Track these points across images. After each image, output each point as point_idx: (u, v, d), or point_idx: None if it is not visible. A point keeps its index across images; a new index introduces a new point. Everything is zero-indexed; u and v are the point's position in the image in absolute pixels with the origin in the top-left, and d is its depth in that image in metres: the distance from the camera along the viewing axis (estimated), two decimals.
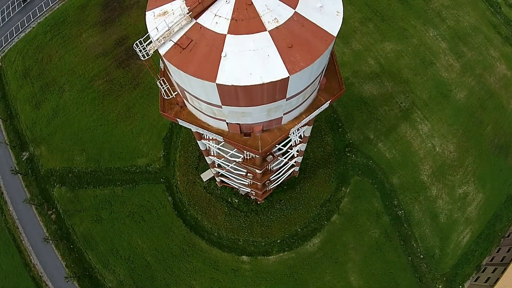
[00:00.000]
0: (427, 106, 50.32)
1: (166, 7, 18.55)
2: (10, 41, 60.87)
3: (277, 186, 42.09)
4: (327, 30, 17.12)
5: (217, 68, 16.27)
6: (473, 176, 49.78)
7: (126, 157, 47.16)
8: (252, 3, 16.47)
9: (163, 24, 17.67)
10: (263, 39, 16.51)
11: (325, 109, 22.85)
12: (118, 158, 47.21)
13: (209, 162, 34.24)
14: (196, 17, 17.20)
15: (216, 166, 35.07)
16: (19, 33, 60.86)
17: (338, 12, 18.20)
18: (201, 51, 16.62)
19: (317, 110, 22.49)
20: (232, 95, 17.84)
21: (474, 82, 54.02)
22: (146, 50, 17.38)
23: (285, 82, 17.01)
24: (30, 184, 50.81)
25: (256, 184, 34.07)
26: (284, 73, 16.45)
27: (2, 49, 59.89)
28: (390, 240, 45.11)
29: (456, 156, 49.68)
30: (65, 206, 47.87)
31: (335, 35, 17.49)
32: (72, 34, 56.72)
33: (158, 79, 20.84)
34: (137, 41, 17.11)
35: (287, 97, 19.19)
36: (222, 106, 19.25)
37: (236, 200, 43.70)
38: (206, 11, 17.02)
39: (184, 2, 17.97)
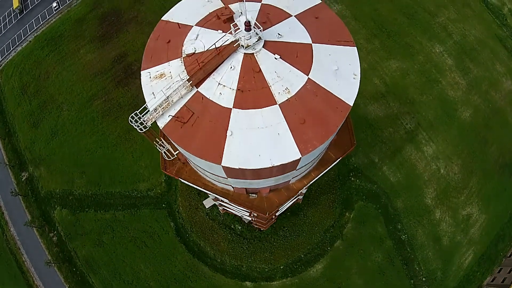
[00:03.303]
0: (432, 126, 49.55)
1: (163, 68, 17.41)
2: (7, 55, 59.50)
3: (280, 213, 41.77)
4: (343, 99, 15.94)
5: (223, 148, 15.12)
6: (477, 197, 49.42)
7: (127, 181, 46.56)
8: (260, 70, 15.21)
9: (160, 91, 16.52)
10: (273, 114, 15.28)
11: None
12: (118, 182, 46.61)
13: (211, 198, 33.80)
14: (198, 85, 16.02)
15: (220, 203, 34.62)
16: (16, 47, 59.45)
17: (355, 75, 16.97)
18: (204, 127, 15.48)
19: (327, 168, 21.78)
20: (239, 173, 16.98)
21: (479, 100, 53.11)
22: (142, 121, 16.15)
23: (296, 161, 16.13)
24: (31, 205, 50.36)
25: (261, 220, 33.74)
26: (296, 154, 15.40)
27: None
28: (393, 264, 45.06)
29: (461, 177, 49.20)
30: (66, 229, 47.54)
31: (352, 104, 16.40)
32: (69, 49, 55.31)
33: (156, 142, 19.65)
34: (133, 114, 15.80)
35: (297, 169, 18.46)
36: (228, 178, 18.51)
37: (239, 227, 43.42)
38: (208, 78, 15.91)
39: (183, 64, 16.76)
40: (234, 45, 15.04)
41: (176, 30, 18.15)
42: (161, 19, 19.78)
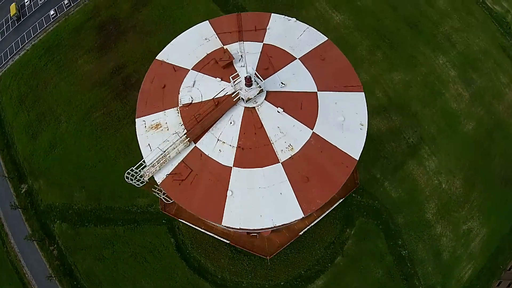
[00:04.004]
0: (435, 140, 49.08)
1: (159, 117, 16.92)
2: (4, 63, 58.74)
3: None
4: (348, 154, 15.45)
5: (223, 208, 14.65)
6: (478, 211, 49.19)
7: (126, 196, 46.23)
8: (262, 125, 14.66)
9: (157, 143, 16.00)
10: (276, 173, 14.80)
11: None
12: (118, 197, 46.30)
13: None
14: (196, 140, 15.56)
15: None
16: (13, 55, 58.65)
17: (362, 125, 16.43)
18: (204, 185, 15.03)
19: (330, 209, 21.43)
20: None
21: (482, 112, 52.55)
22: (138, 177, 15.81)
23: (299, 220, 15.77)
24: (30, 218, 50.12)
25: None
26: (298, 214, 15.01)
27: None
28: (393, 279, 45.01)
29: (462, 191, 48.90)
30: (66, 243, 47.38)
31: (358, 158, 15.91)
32: (67, 59, 54.51)
33: (154, 189, 18.99)
34: (129, 170, 15.43)
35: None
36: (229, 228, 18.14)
37: None
38: (207, 133, 15.38)
39: (179, 114, 16.25)
40: (234, 99, 14.52)
41: (172, 74, 17.61)
42: (156, 58, 19.15)
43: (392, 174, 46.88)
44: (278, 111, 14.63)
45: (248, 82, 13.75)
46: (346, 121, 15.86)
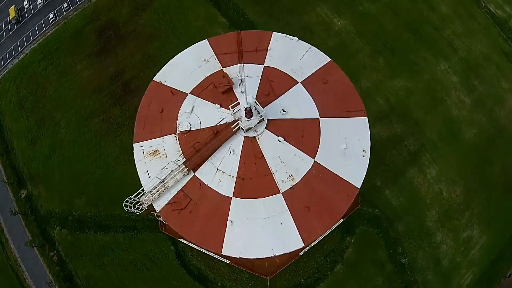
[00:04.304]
0: (436, 148, 48.86)
1: (157, 144, 16.77)
2: (4, 67, 58.45)
3: None
4: (350, 182, 15.36)
5: (223, 237, 14.57)
6: (478, 218, 49.07)
7: None
8: (262, 155, 14.54)
9: (156, 170, 15.86)
10: (276, 203, 14.72)
11: None
12: (118, 204, 45.23)
13: None
14: (195, 169, 15.46)
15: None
16: (12, 59, 58.39)
17: (364, 152, 16.34)
18: (203, 214, 14.95)
19: (330, 229, 21.33)
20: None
21: (484, 119, 52.25)
22: (137, 203, 15.73)
23: (299, 249, 15.65)
24: (30, 224, 50.12)
25: None
26: (298, 244, 14.90)
27: None
28: (392, 287, 45.07)
29: (463, 199, 48.76)
30: (66, 250, 47.40)
31: (360, 186, 15.83)
32: (66, 64, 54.19)
33: (153, 213, 18.79)
34: (127, 198, 15.33)
35: None
36: None
37: None
38: (206, 162, 15.28)
39: (178, 141, 16.13)
40: (234, 129, 14.31)
41: (170, 97, 17.37)
42: (153, 79, 18.86)
43: (393, 182, 46.72)
44: (279, 140, 14.40)
45: (248, 114, 13.52)
46: (348, 149, 15.66)
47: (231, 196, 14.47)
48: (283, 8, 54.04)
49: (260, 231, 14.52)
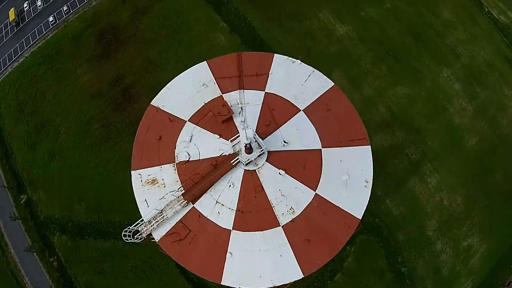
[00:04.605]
0: (437, 156, 48.57)
1: (155, 172, 16.57)
2: (3, 70, 58.14)
3: None
4: (351, 213, 15.31)
5: (222, 268, 14.54)
6: (478, 227, 48.93)
7: (126, 210, 45.89)
8: (263, 189, 14.45)
9: (154, 199, 15.76)
10: (276, 236, 14.64)
11: None
12: (117, 211, 46.10)
13: None
14: (194, 200, 15.37)
15: None
16: (12, 62, 58.07)
17: (366, 182, 16.25)
18: (203, 245, 14.89)
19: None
20: None
21: (486, 127, 51.88)
22: (136, 233, 15.63)
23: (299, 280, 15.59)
24: (30, 229, 50.15)
25: None
26: (298, 275, 15.03)
27: None
28: None
29: (463, 208, 48.58)
30: (66, 255, 47.46)
31: (361, 217, 15.71)
32: (66, 68, 53.82)
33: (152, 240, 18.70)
34: (126, 228, 15.24)
35: None
36: None
37: None
38: (205, 194, 15.19)
39: (176, 172, 15.97)
40: (234, 163, 14.09)
41: (168, 124, 17.09)
42: (151, 103, 18.49)
43: (394, 191, 46.53)
44: (279, 173, 14.18)
45: (248, 150, 13.29)
46: (350, 179, 15.46)
47: (231, 228, 14.33)
48: (284, 13, 53.44)
49: (259, 263, 14.44)
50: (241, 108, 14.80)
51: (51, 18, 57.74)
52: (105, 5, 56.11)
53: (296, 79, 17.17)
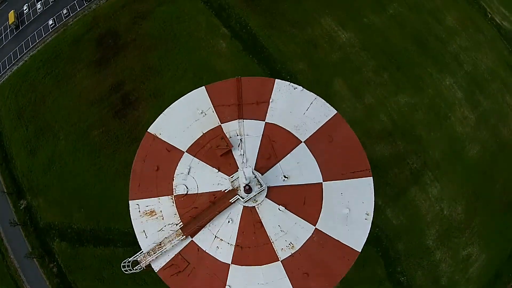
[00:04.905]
0: (438, 166, 48.35)
1: (153, 204, 16.46)
2: (3, 73, 57.78)
3: None
4: (351, 247, 15.26)
5: None
6: (478, 236, 48.89)
7: (125, 218, 45.15)
8: (262, 225, 14.33)
9: (152, 230, 15.71)
10: (275, 271, 14.56)
11: None
12: (117, 218, 45.99)
13: None
14: (192, 234, 15.32)
15: None
16: (11, 65, 57.68)
17: (367, 215, 16.18)
18: (201, 278, 14.93)
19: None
20: None
21: (488, 135, 51.60)
22: (135, 263, 15.59)
23: None
24: (30, 235, 50.19)
25: None
26: None
27: None
28: None
29: (464, 217, 48.49)
30: (66, 262, 47.55)
31: (360, 250, 15.63)
32: (65, 73, 53.44)
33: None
34: (125, 260, 15.18)
35: None
36: None
37: None
38: (204, 229, 15.13)
39: (174, 204, 15.90)
40: (232, 201, 13.91)
41: (165, 154, 16.86)
42: (148, 131, 18.18)
43: (394, 201, 46.40)
44: (279, 209, 13.98)
45: (247, 191, 13.11)
46: (351, 213, 15.29)
47: (230, 263, 14.20)
48: (286, 19, 52.86)
49: None
50: (240, 140, 14.52)
51: (50, 22, 57.25)
52: (105, 9, 55.57)
53: (297, 108, 16.84)
